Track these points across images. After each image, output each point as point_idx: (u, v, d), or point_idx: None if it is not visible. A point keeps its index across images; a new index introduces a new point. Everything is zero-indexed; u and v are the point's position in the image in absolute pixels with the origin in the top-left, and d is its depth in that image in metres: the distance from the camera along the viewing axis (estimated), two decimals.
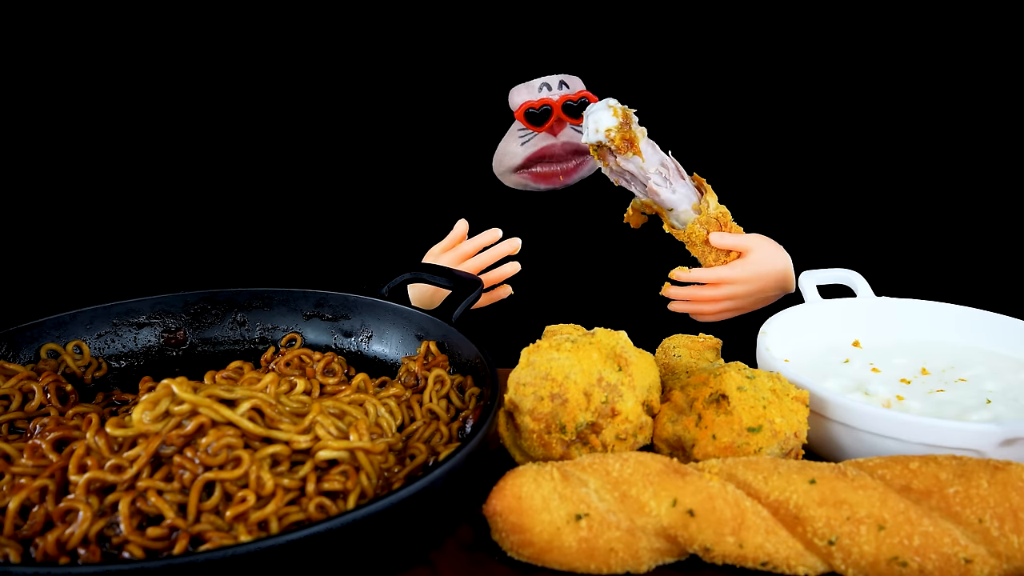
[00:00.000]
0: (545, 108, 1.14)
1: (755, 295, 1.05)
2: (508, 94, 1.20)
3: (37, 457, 0.62)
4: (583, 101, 1.16)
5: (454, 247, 1.08)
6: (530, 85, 1.17)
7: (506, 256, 1.08)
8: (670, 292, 1.06)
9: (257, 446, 0.59)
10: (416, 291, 1.16)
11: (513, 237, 1.08)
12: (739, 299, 1.05)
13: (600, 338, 0.69)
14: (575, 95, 1.16)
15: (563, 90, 1.17)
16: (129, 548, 0.54)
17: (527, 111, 1.15)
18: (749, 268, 1.03)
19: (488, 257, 1.07)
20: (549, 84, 1.16)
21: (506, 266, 1.07)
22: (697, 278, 1.03)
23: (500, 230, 1.07)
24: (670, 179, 1.05)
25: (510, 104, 1.19)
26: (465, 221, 1.08)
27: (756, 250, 1.04)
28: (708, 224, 1.03)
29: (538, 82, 1.17)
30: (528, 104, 1.15)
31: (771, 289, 1.06)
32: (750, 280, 1.03)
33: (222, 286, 0.91)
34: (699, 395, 0.69)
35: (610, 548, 0.58)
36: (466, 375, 0.78)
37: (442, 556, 0.62)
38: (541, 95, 1.16)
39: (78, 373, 0.83)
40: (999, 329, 0.85)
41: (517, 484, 0.59)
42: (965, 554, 0.55)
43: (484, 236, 1.07)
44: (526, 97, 1.17)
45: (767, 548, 0.58)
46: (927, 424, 0.65)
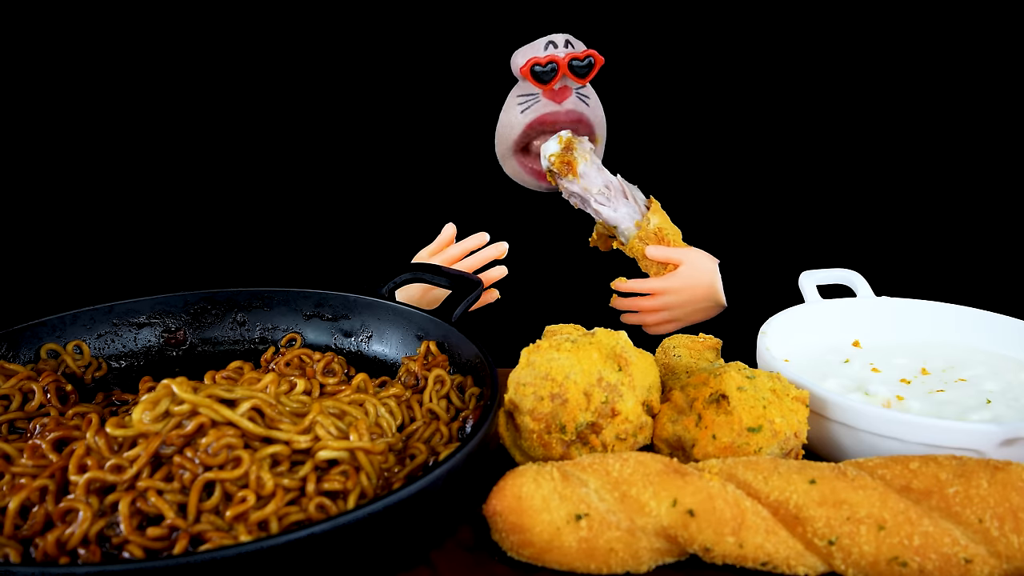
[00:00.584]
0: (552, 65, 1.12)
1: (687, 305, 1.10)
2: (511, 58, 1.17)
3: (37, 457, 0.62)
4: (589, 60, 1.14)
5: (441, 251, 1.08)
6: (535, 44, 1.14)
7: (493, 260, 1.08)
8: (616, 303, 1.13)
9: (257, 446, 0.59)
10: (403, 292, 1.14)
11: (500, 241, 1.07)
12: (674, 309, 1.10)
13: (600, 338, 0.69)
14: (581, 54, 1.14)
15: (569, 48, 1.14)
16: (129, 548, 0.54)
17: (533, 67, 1.12)
18: (678, 280, 1.09)
19: (475, 261, 1.07)
20: (555, 42, 1.14)
21: (493, 270, 1.07)
22: (633, 288, 1.10)
23: (487, 234, 1.07)
24: (612, 199, 1.11)
25: (512, 66, 1.16)
26: (453, 225, 1.09)
27: (688, 263, 1.09)
28: (647, 239, 1.10)
29: (543, 40, 1.14)
30: (534, 60, 1.12)
31: (701, 300, 1.10)
32: (680, 290, 1.09)
33: (222, 286, 0.91)
34: (699, 395, 0.69)
35: (610, 548, 0.58)
36: (466, 375, 0.78)
37: (442, 556, 0.62)
38: (547, 52, 1.13)
39: (78, 373, 0.83)
40: (999, 329, 0.85)
41: (517, 484, 0.59)
42: (965, 554, 0.56)
43: (471, 240, 1.07)
44: (532, 54, 1.14)
45: (767, 548, 0.58)
46: (927, 424, 0.65)
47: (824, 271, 0.94)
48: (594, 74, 1.16)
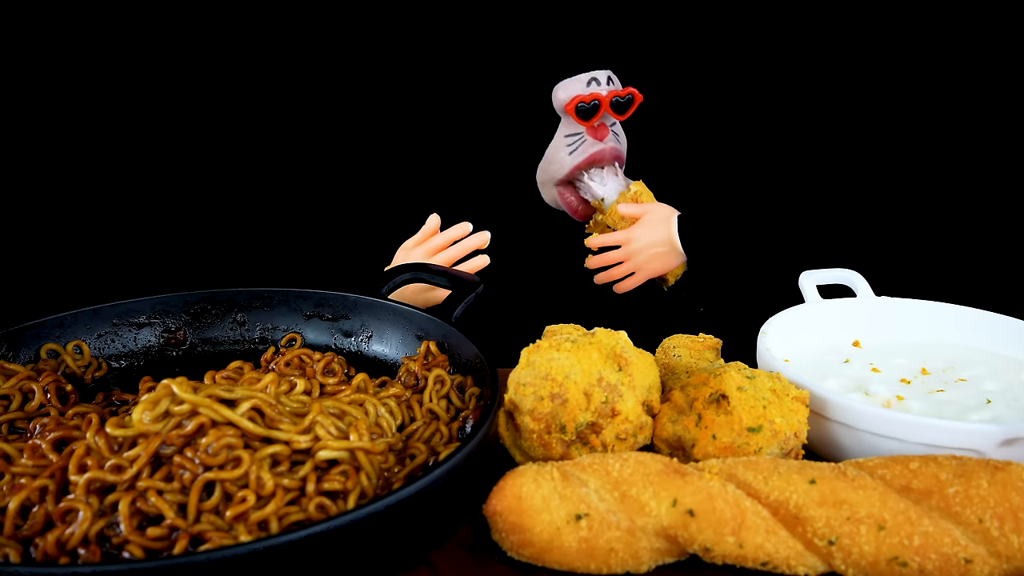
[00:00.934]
0: (594, 103, 1.16)
1: (647, 250, 1.17)
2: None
3: (37, 457, 0.62)
4: (629, 98, 1.19)
5: (425, 241, 1.09)
6: (578, 79, 1.18)
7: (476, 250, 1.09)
8: (590, 261, 1.20)
9: (257, 446, 0.59)
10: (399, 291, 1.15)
11: (482, 231, 1.08)
12: (636, 256, 1.17)
13: (600, 338, 0.69)
14: (622, 92, 1.18)
15: (611, 85, 1.19)
16: (129, 548, 0.54)
17: (578, 105, 1.16)
18: (640, 227, 1.17)
19: (458, 250, 1.08)
20: (598, 79, 1.18)
21: (475, 259, 1.09)
22: (603, 241, 1.18)
23: (470, 224, 1.08)
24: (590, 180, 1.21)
25: (555, 100, 1.19)
26: (437, 216, 1.11)
27: (648, 212, 1.17)
28: (624, 200, 1.19)
29: (586, 76, 1.18)
30: (579, 98, 1.16)
31: (659, 245, 1.17)
32: (640, 236, 1.17)
33: (222, 286, 0.91)
34: (699, 395, 0.69)
35: (610, 548, 0.58)
36: (466, 375, 0.78)
37: (442, 556, 0.62)
38: (590, 89, 1.17)
39: (78, 373, 0.83)
40: (999, 329, 0.85)
41: (517, 484, 0.59)
42: (965, 554, 0.55)
43: (455, 230, 1.08)
44: (576, 91, 1.17)
45: (767, 548, 0.58)
46: (927, 424, 0.65)
47: (824, 271, 0.94)
48: (633, 111, 1.20)
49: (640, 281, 1.20)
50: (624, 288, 1.21)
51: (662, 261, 1.18)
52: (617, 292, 1.22)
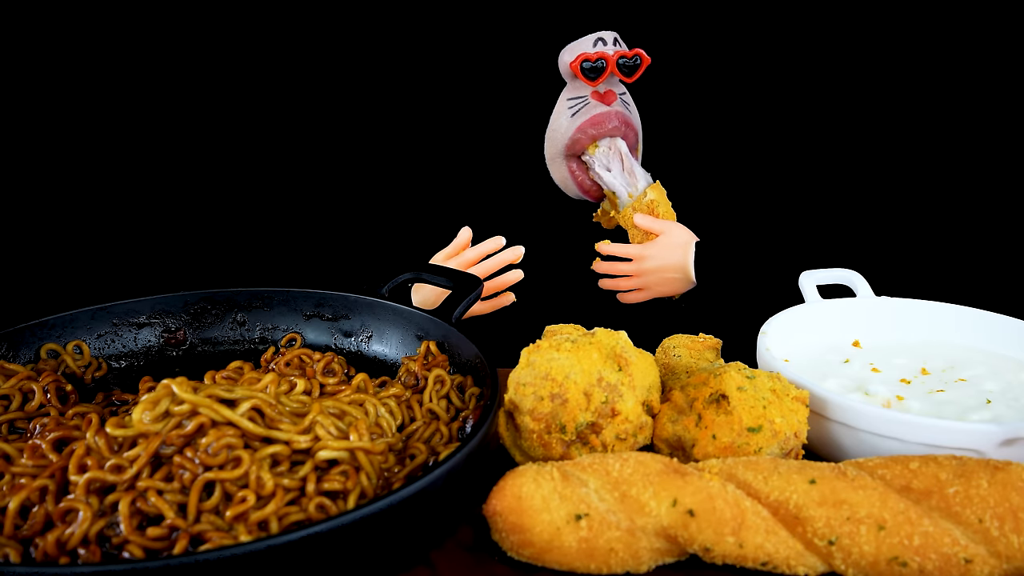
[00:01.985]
0: (601, 61, 1.13)
1: (658, 273, 1.15)
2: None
3: (37, 457, 0.62)
4: (636, 59, 1.16)
5: (457, 254, 1.08)
6: (583, 40, 1.15)
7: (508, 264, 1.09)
8: (597, 266, 1.18)
9: (257, 446, 0.59)
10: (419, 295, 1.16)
11: (516, 245, 1.08)
12: (646, 275, 1.15)
13: (600, 338, 0.69)
14: (629, 52, 1.15)
15: (617, 46, 1.16)
16: (129, 548, 0.54)
17: (583, 63, 1.13)
18: (656, 247, 1.15)
19: (491, 265, 1.07)
20: (604, 39, 1.15)
21: (509, 274, 1.08)
22: (615, 252, 1.16)
23: (503, 238, 1.08)
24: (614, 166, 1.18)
25: (560, 63, 1.16)
26: (469, 229, 1.09)
27: (667, 233, 1.15)
28: (639, 209, 1.16)
29: (592, 37, 1.15)
30: (584, 56, 1.13)
31: (671, 270, 1.15)
32: (655, 257, 1.14)
33: (222, 286, 0.91)
34: (699, 395, 0.69)
35: (610, 548, 0.58)
36: (466, 375, 0.78)
37: (442, 556, 0.62)
38: (597, 49, 1.14)
39: (78, 373, 0.83)
40: (999, 329, 0.85)
41: (517, 484, 0.59)
42: (965, 554, 0.55)
43: (487, 244, 1.07)
44: (581, 50, 1.15)
45: (767, 548, 0.58)
46: (927, 424, 0.65)
47: (824, 271, 0.94)
48: (640, 74, 1.17)
49: (645, 298, 1.19)
50: (628, 300, 1.20)
51: (671, 286, 1.17)
52: (620, 301, 1.21)
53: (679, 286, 1.17)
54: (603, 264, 1.18)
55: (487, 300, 1.11)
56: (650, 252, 1.15)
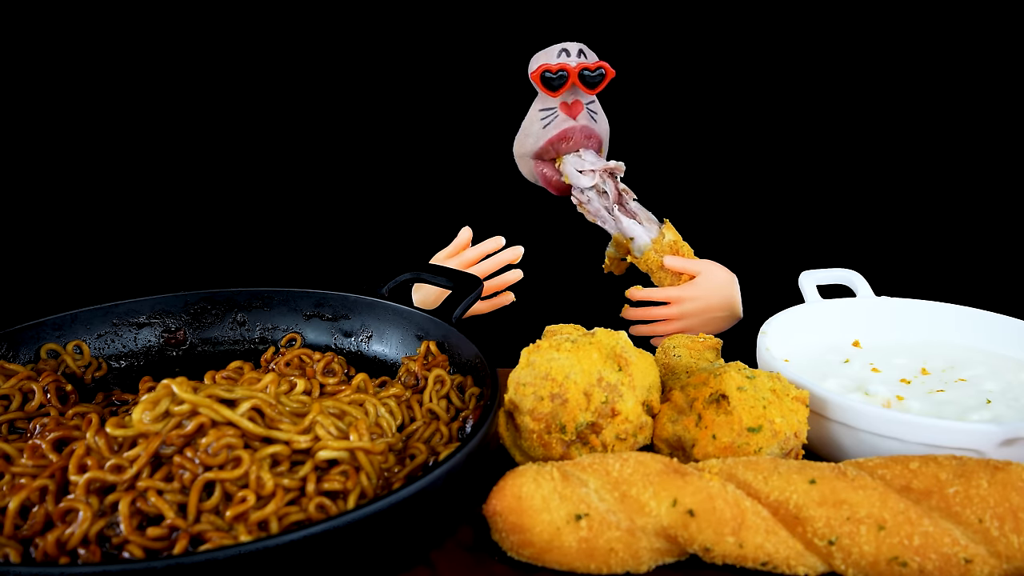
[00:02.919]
0: (561, 73, 1.13)
1: (703, 314, 1.10)
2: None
3: (37, 457, 0.62)
4: (600, 72, 1.16)
5: (458, 254, 1.09)
6: (549, 50, 1.16)
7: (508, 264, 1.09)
8: (628, 313, 1.12)
9: (257, 446, 0.59)
10: (420, 294, 1.16)
11: (516, 245, 1.08)
12: (689, 317, 1.10)
13: (600, 338, 0.69)
14: (592, 64, 1.15)
15: (581, 58, 1.16)
16: (129, 548, 0.54)
17: (543, 73, 1.13)
18: (697, 288, 1.09)
19: (491, 264, 1.08)
20: (568, 50, 1.15)
21: (508, 274, 1.08)
22: (650, 296, 1.10)
23: (503, 238, 1.08)
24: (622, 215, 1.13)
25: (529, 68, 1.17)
26: (469, 228, 1.09)
27: (705, 273, 1.10)
28: (663, 251, 1.11)
29: (557, 47, 1.16)
30: (545, 67, 1.13)
31: (718, 310, 1.11)
32: (698, 298, 1.09)
33: (222, 286, 0.91)
34: (699, 395, 0.69)
35: (610, 548, 0.58)
36: (466, 375, 0.78)
37: (442, 556, 0.62)
38: (559, 60, 1.15)
39: (78, 373, 0.83)
40: (999, 329, 0.85)
41: (517, 484, 0.59)
42: (965, 554, 0.55)
43: (487, 244, 1.08)
44: (544, 60, 1.16)
45: (767, 548, 0.58)
46: (927, 424, 0.65)
47: (824, 271, 0.94)
48: (604, 86, 1.17)
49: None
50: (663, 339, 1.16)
51: (717, 325, 1.13)
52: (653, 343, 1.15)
53: (724, 324, 1.13)
54: (636, 311, 1.12)
55: (487, 300, 1.11)
56: (691, 293, 1.10)
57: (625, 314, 1.13)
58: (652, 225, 1.13)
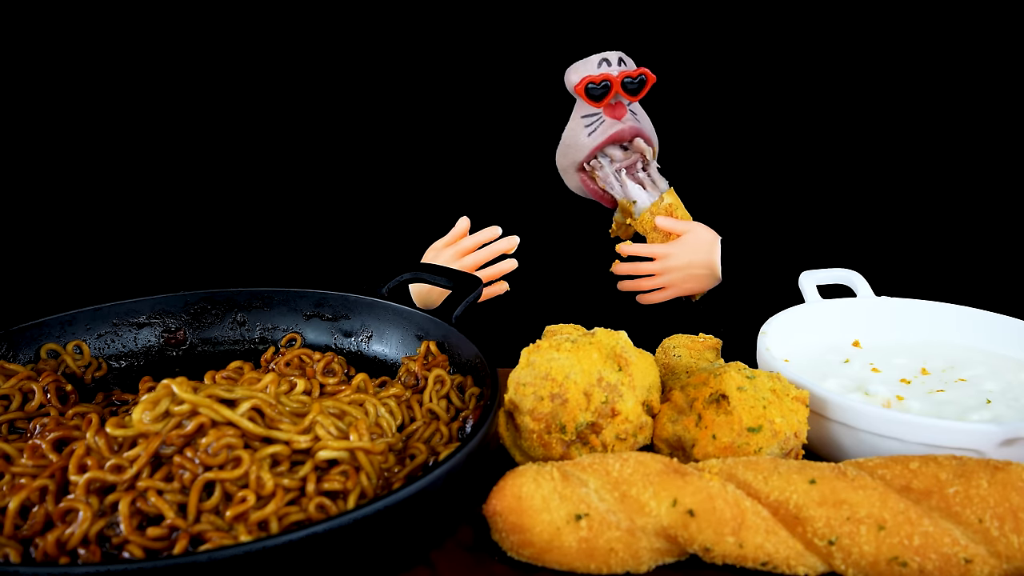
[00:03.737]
0: (605, 83, 1.14)
1: (684, 270, 1.16)
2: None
3: (37, 457, 0.62)
4: (641, 78, 1.17)
5: (455, 243, 1.10)
6: (589, 61, 1.17)
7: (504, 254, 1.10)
8: (617, 268, 1.18)
9: (257, 446, 0.59)
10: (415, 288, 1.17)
11: (512, 235, 1.09)
12: (671, 272, 1.16)
13: (600, 338, 0.69)
14: (634, 72, 1.16)
15: (622, 66, 1.17)
16: (129, 548, 0.54)
17: (587, 86, 1.14)
18: (679, 246, 1.15)
19: (487, 253, 1.09)
20: (608, 59, 1.16)
21: (503, 263, 1.10)
22: (636, 251, 1.16)
23: (499, 228, 1.09)
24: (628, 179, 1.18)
25: (567, 83, 1.18)
26: (467, 218, 1.11)
27: (691, 233, 1.15)
28: (658, 213, 1.17)
29: (597, 57, 1.17)
30: (589, 79, 1.14)
31: (698, 267, 1.15)
32: (679, 255, 1.15)
33: (222, 286, 0.91)
34: (699, 395, 0.69)
35: (610, 548, 0.58)
36: (466, 375, 0.78)
37: (442, 556, 0.62)
38: (601, 70, 1.16)
39: (78, 373, 0.83)
40: (999, 329, 0.85)
41: (517, 484, 0.59)
42: (965, 554, 0.55)
43: (484, 233, 1.09)
44: (586, 72, 1.16)
45: (767, 548, 0.58)
46: (927, 424, 0.65)
47: (824, 271, 0.94)
48: (646, 92, 1.19)
49: (668, 297, 1.19)
50: (649, 300, 1.19)
51: (698, 283, 1.17)
52: (640, 303, 1.20)
53: (704, 283, 1.17)
54: (624, 265, 1.17)
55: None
56: (675, 250, 1.15)
57: (614, 269, 1.18)
58: (655, 192, 1.18)
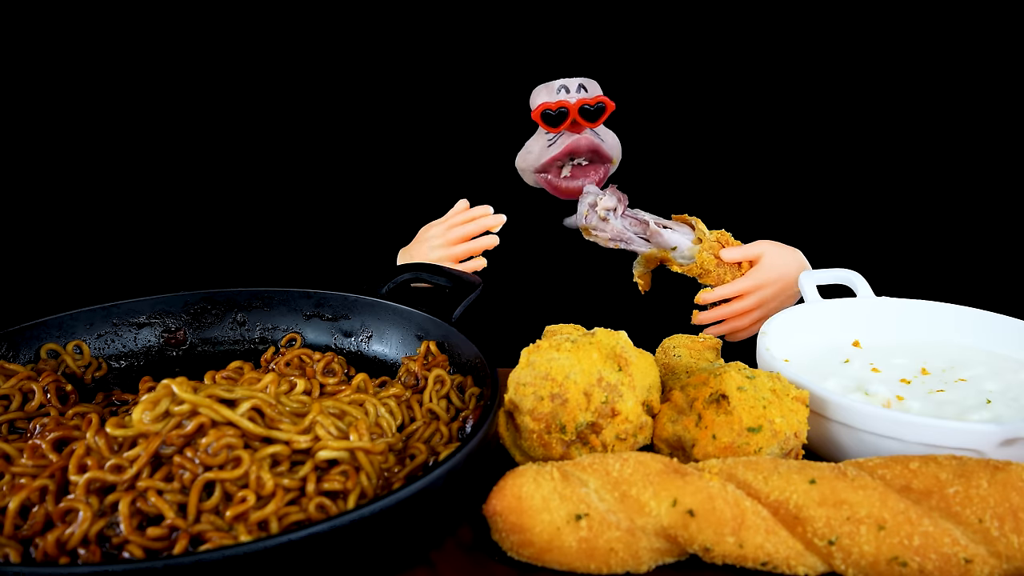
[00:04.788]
0: (561, 110, 1.16)
1: (780, 295, 1.06)
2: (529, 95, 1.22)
3: (37, 457, 0.62)
4: (600, 106, 1.17)
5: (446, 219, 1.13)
6: (549, 86, 1.19)
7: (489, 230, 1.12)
8: (701, 318, 1.07)
9: (257, 446, 0.59)
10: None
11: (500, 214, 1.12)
12: (768, 303, 1.06)
13: (600, 338, 0.69)
14: (592, 99, 1.17)
15: (581, 93, 1.19)
16: (129, 548, 0.54)
17: (543, 112, 1.17)
18: (767, 271, 1.05)
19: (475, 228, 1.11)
20: (567, 87, 1.19)
21: (483, 239, 1.12)
22: (723, 295, 1.05)
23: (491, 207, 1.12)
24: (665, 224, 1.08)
25: (531, 103, 1.21)
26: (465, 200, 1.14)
27: (767, 253, 1.06)
28: (713, 248, 1.05)
29: (557, 83, 1.19)
30: (545, 105, 1.17)
31: (794, 285, 1.07)
32: (773, 281, 1.05)
33: (222, 286, 0.91)
34: (699, 395, 0.69)
35: (610, 548, 0.58)
36: (466, 375, 0.78)
37: (442, 556, 0.62)
38: (558, 97, 1.18)
39: (78, 373, 0.83)
40: (999, 329, 0.85)
41: (517, 484, 0.59)
42: (965, 554, 0.55)
43: (477, 209, 1.12)
44: (544, 98, 1.19)
45: (767, 548, 0.58)
46: (927, 424, 0.65)
47: (824, 271, 0.94)
48: (603, 119, 1.19)
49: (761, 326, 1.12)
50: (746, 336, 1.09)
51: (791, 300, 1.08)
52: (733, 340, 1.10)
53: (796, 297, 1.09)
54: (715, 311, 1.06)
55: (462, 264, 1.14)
56: (763, 277, 1.05)
57: (699, 320, 1.07)
58: (684, 227, 1.08)
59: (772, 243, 1.08)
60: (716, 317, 1.06)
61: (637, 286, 1.12)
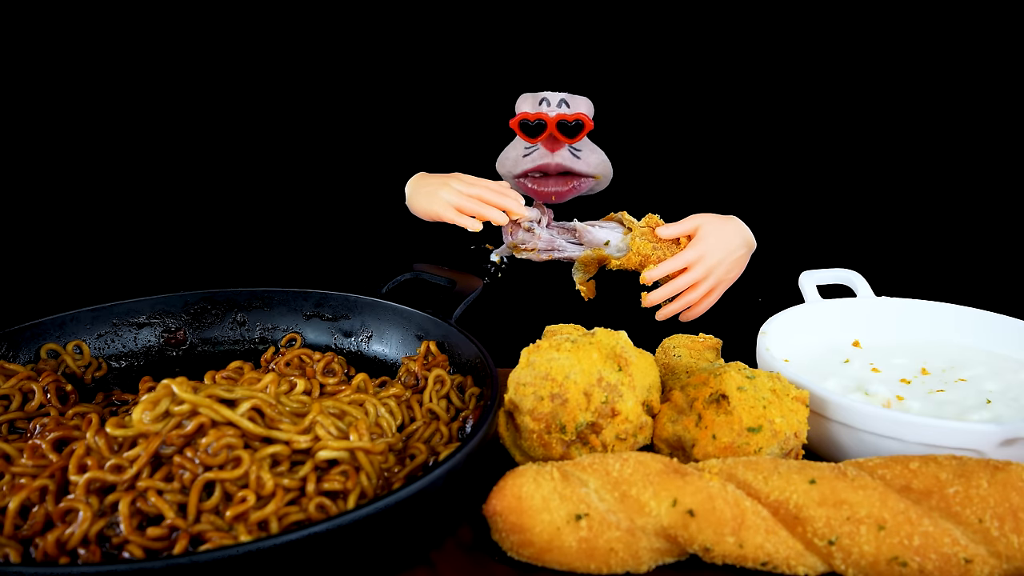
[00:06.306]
0: (539, 123, 1.17)
1: (726, 260, 1.05)
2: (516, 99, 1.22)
3: (37, 457, 0.62)
4: (577, 123, 1.18)
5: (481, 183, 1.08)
6: (533, 97, 1.20)
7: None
8: (651, 298, 1.05)
9: (257, 446, 0.59)
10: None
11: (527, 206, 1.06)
12: (715, 270, 1.04)
13: (600, 338, 0.69)
14: (571, 116, 1.17)
15: (561, 108, 1.19)
16: (129, 548, 0.54)
17: (521, 122, 1.17)
18: (706, 239, 1.03)
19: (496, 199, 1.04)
20: (549, 100, 1.19)
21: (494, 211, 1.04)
22: (668, 271, 1.03)
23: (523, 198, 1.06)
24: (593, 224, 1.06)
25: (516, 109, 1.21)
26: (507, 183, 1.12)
27: (704, 224, 1.04)
28: (646, 234, 1.04)
29: (539, 96, 1.20)
30: (524, 115, 1.18)
31: (737, 248, 1.06)
32: (714, 248, 1.04)
33: (222, 286, 0.91)
34: (699, 395, 0.69)
35: (610, 548, 0.58)
36: (466, 375, 0.78)
37: (442, 556, 0.62)
38: (539, 109, 1.19)
39: (78, 373, 0.83)
40: (999, 329, 0.85)
41: (517, 484, 0.59)
42: (965, 554, 0.55)
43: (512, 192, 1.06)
44: (525, 108, 1.20)
45: (767, 548, 0.58)
46: (927, 424, 0.65)
47: (824, 271, 0.94)
48: (581, 136, 1.19)
49: (718, 298, 1.07)
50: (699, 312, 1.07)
51: (739, 265, 1.08)
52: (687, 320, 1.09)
53: (744, 261, 1.09)
54: (662, 289, 1.04)
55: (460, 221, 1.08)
56: (704, 247, 1.03)
57: (649, 301, 1.05)
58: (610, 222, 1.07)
59: (706, 214, 1.06)
60: (667, 295, 1.04)
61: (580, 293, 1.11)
